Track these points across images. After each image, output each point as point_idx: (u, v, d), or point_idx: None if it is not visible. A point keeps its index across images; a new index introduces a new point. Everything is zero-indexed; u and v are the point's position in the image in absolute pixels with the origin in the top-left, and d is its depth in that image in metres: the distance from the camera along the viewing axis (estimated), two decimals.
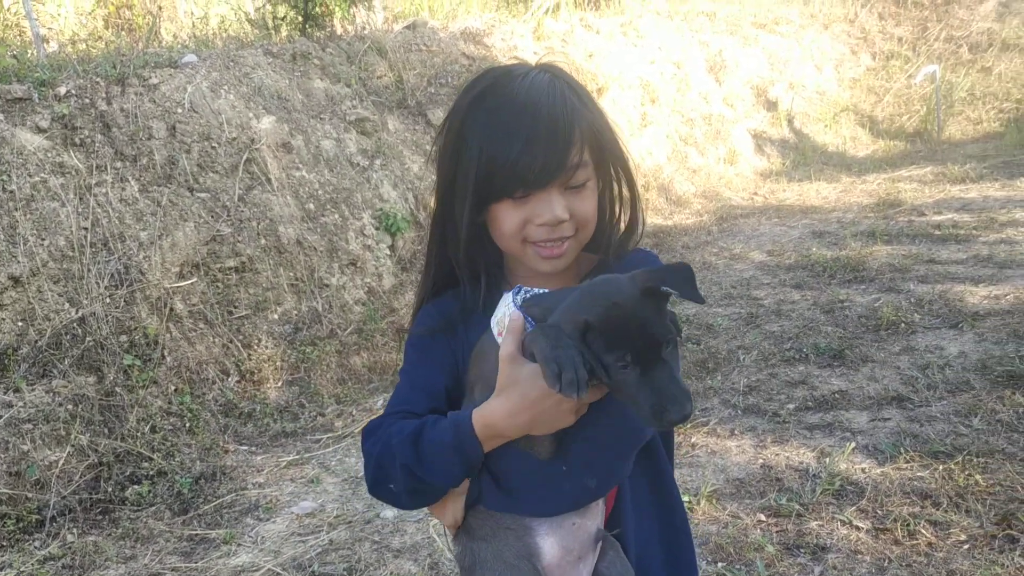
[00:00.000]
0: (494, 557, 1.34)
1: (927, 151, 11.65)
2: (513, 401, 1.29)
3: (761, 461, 4.05)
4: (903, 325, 5.42)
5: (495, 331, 1.36)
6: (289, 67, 6.85)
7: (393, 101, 7.50)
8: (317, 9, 7.85)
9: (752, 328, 5.82)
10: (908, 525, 3.32)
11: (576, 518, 1.34)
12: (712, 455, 4.18)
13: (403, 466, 1.37)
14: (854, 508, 3.51)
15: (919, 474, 3.68)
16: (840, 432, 4.24)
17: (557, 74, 1.47)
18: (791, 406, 4.59)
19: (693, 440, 4.34)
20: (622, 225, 1.63)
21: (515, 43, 9.15)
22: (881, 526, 3.37)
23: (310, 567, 3.54)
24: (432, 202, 1.58)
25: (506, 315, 1.34)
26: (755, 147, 11.51)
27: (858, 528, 3.38)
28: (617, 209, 1.61)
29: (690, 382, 5.02)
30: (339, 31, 8.32)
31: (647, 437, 1.42)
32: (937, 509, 3.40)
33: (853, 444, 4.01)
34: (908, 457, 3.82)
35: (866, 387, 4.68)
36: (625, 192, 1.59)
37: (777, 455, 4.07)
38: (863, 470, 3.81)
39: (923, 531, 3.26)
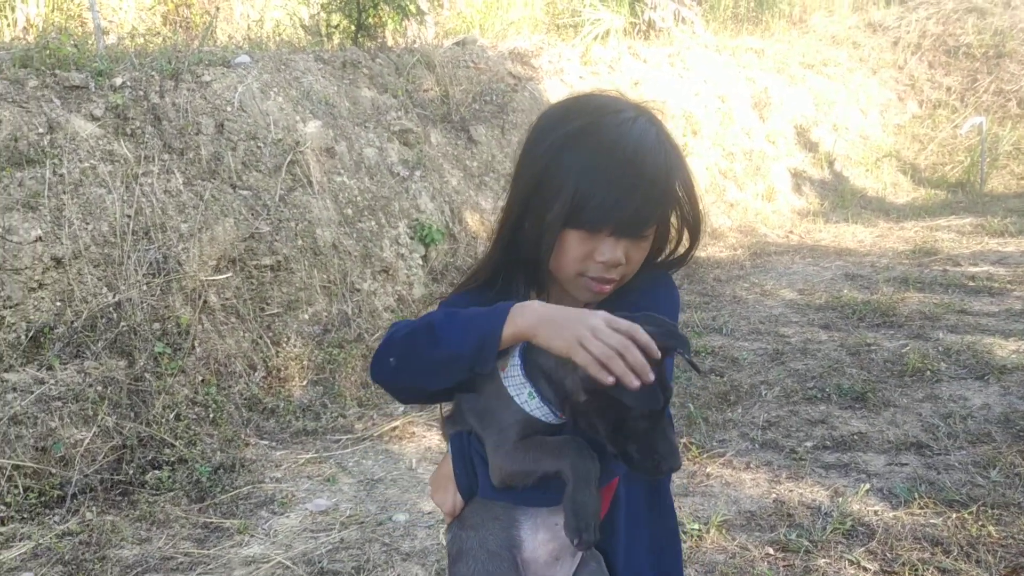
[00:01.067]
0: (479, 545, 1.40)
1: (968, 202, 11.56)
2: (557, 311, 1.37)
3: (774, 496, 4.05)
4: (928, 373, 5.39)
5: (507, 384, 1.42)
6: (339, 74, 6.98)
7: (438, 115, 7.61)
8: (370, 20, 8.00)
9: (777, 364, 5.82)
10: (916, 570, 3.31)
11: (559, 518, 1.39)
12: (726, 486, 4.19)
13: (413, 332, 1.45)
14: (863, 549, 3.50)
15: (932, 521, 3.67)
16: (856, 473, 4.23)
17: (660, 128, 1.53)
18: (809, 444, 4.59)
19: (708, 470, 4.35)
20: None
21: (562, 66, 9.26)
22: (889, 569, 3.36)
23: (319, 563, 3.60)
24: (504, 206, 1.63)
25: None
26: (794, 186, 11.49)
27: (866, 569, 3.37)
28: (668, 249, 1.66)
29: (710, 413, 5.04)
30: (390, 43, 8.47)
31: None
32: (947, 557, 3.39)
33: (867, 486, 4.00)
34: (922, 503, 3.81)
35: (886, 431, 4.66)
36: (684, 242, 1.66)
37: (791, 491, 4.08)
38: (875, 512, 3.81)
39: None
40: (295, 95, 6.41)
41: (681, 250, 1.66)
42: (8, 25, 8.26)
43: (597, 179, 1.44)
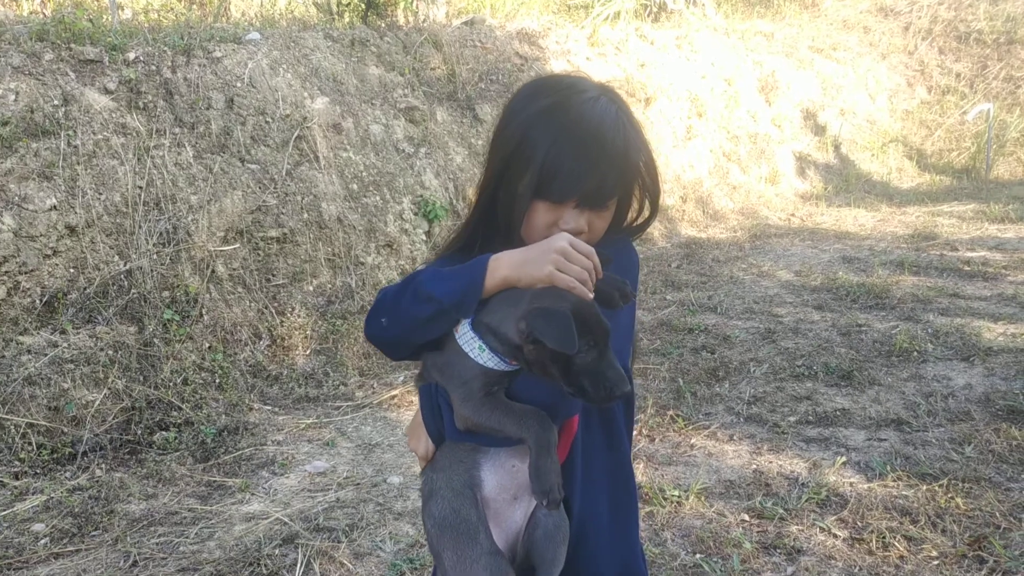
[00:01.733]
0: (446, 485, 1.55)
1: (972, 188, 11.63)
2: (526, 252, 1.53)
3: (754, 467, 4.21)
4: (915, 353, 5.53)
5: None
6: (347, 52, 7.12)
7: (444, 93, 7.74)
8: None
9: (768, 343, 5.96)
10: (884, 538, 3.46)
11: (517, 461, 1.54)
12: (709, 456, 4.34)
13: (401, 292, 1.59)
14: (835, 517, 3.66)
15: (903, 492, 3.82)
16: (836, 447, 4.38)
17: (619, 104, 1.67)
18: (792, 419, 4.74)
19: (692, 441, 4.51)
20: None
21: (569, 47, 9.35)
22: (858, 536, 3.52)
23: (315, 520, 3.78)
24: (481, 177, 1.76)
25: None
26: (798, 169, 11.58)
27: (835, 536, 3.53)
28: (630, 217, 1.80)
29: (699, 388, 5.19)
30: (400, 22, 8.59)
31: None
32: (914, 526, 3.54)
33: (844, 458, 4.15)
34: (896, 476, 3.96)
35: (868, 408, 4.80)
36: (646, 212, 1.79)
37: (771, 462, 4.23)
38: (851, 484, 3.96)
39: (897, 544, 3.41)
40: (304, 72, 6.55)
41: (641, 219, 1.80)
42: None
43: (562, 154, 1.58)
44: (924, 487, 3.83)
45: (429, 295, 1.55)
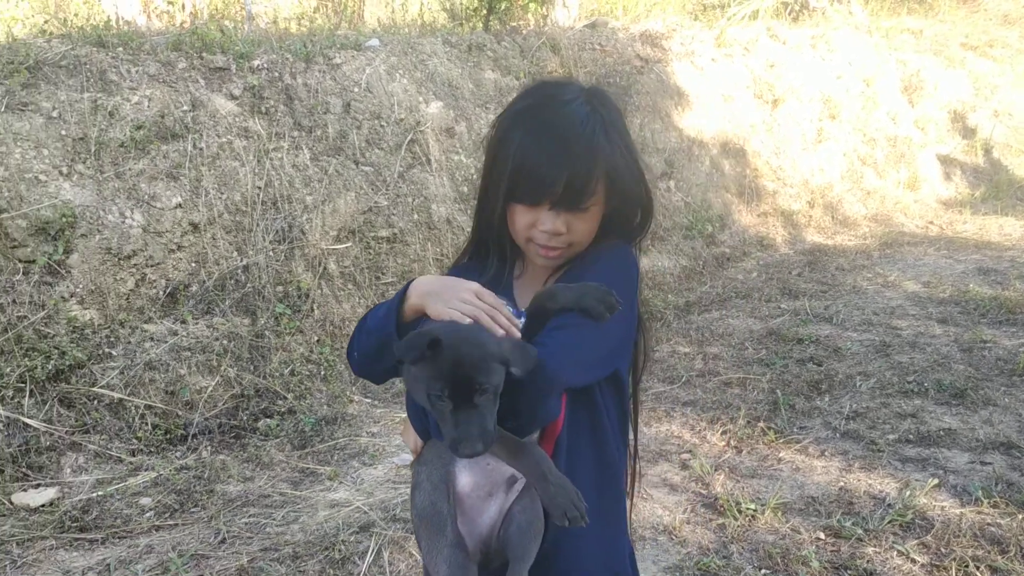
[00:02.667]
0: (427, 478, 1.62)
1: None
2: (439, 283, 1.60)
3: (841, 484, 4.07)
4: None
5: None
6: (464, 57, 7.29)
7: None
8: (502, 4, 8.26)
9: (880, 356, 5.72)
10: (966, 566, 3.29)
11: (491, 460, 1.59)
12: (795, 471, 4.23)
13: (359, 328, 1.69)
14: (917, 541, 3.50)
15: (997, 520, 3.61)
16: (934, 469, 4.18)
17: (597, 107, 1.68)
18: (892, 436, 4.55)
19: (781, 455, 4.40)
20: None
21: (693, 48, 9.22)
22: (939, 563, 3.36)
23: (393, 510, 3.93)
24: (479, 185, 1.84)
25: None
26: (943, 174, 10.97)
27: (913, 560, 3.38)
28: (626, 222, 1.81)
29: (798, 401, 5.05)
30: (531, 25, 8.69)
31: (563, 386, 1.60)
32: (1003, 556, 3.34)
33: (937, 480, 3.95)
34: (993, 503, 3.75)
35: (978, 429, 4.55)
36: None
37: (859, 481, 4.08)
38: (942, 508, 3.77)
39: (979, 574, 3.23)
40: (420, 77, 6.76)
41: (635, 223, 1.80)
42: (179, 10, 9.06)
43: (529, 155, 1.62)
44: (1021, 516, 3.61)
45: (368, 328, 1.65)
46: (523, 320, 1.63)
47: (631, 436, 1.90)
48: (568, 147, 1.61)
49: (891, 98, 11.01)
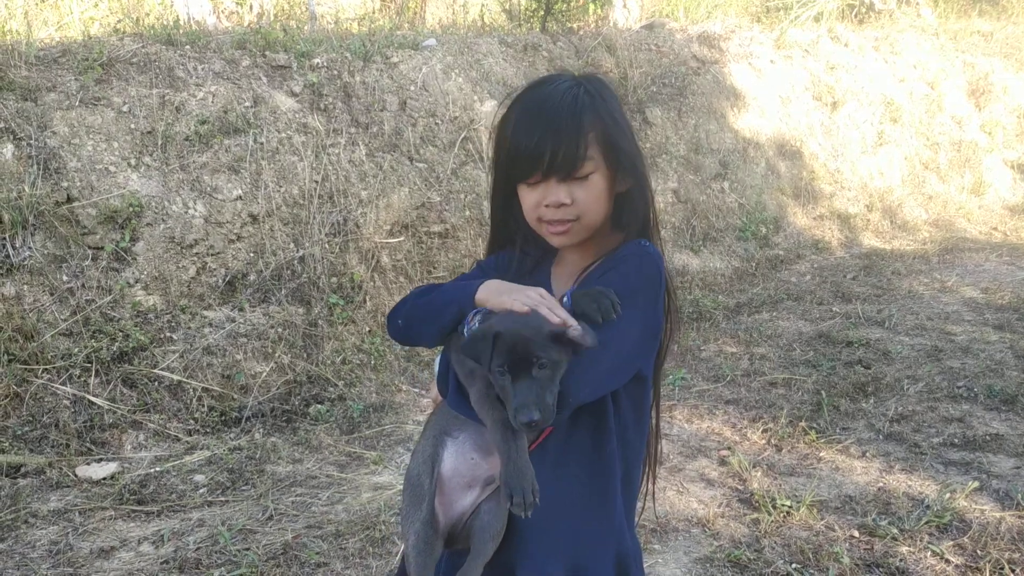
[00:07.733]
0: (421, 450, 1.73)
1: None
2: (504, 286, 1.66)
3: (880, 485, 4.06)
4: None
5: None
6: (519, 57, 7.40)
7: None
8: (560, 5, 8.35)
9: (931, 361, 5.66)
10: (1002, 569, 3.28)
11: (478, 456, 1.68)
12: (834, 471, 4.24)
13: (415, 304, 1.78)
14: (952, 543, 3.49)
15: None
16: (977, 473, 4.14)
17: (581, 81, 1.74)
18: (936, 440, 4.52)
19: (821, 454, 4.40)
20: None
21: (752, 50, 9.19)
22: (973, 564, 3.35)
23: None
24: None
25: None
26: (1011, 180, 10.73)
27: (948, 561, 3.38)
28: (645, 198, 1.85)
29: (842, 402, 5.04)
30: (581, 26, 8.78)
31: (575, 406, 1.61)
32: None
33: (977, 483, 3.93)
34: None
35: None
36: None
37: (899, 482, 4.07)
38: (981, 511, 3.75)
39: None
40: (475, 76, 6.90)
41: (624, 188, 1.80)
42: (247, 11, 9.35)
43: (519, 134, 1.70)
44: None
45: (435, 303, 1.74)
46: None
47: (652, 440, 1.91)
48: (552, 116, 1.67)
49: (957, 102, 10.80)
